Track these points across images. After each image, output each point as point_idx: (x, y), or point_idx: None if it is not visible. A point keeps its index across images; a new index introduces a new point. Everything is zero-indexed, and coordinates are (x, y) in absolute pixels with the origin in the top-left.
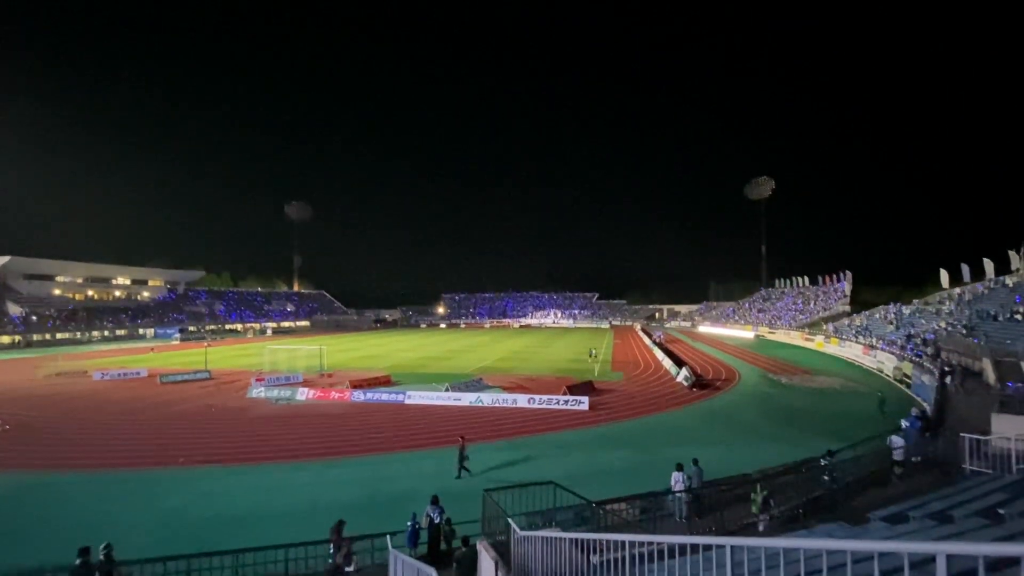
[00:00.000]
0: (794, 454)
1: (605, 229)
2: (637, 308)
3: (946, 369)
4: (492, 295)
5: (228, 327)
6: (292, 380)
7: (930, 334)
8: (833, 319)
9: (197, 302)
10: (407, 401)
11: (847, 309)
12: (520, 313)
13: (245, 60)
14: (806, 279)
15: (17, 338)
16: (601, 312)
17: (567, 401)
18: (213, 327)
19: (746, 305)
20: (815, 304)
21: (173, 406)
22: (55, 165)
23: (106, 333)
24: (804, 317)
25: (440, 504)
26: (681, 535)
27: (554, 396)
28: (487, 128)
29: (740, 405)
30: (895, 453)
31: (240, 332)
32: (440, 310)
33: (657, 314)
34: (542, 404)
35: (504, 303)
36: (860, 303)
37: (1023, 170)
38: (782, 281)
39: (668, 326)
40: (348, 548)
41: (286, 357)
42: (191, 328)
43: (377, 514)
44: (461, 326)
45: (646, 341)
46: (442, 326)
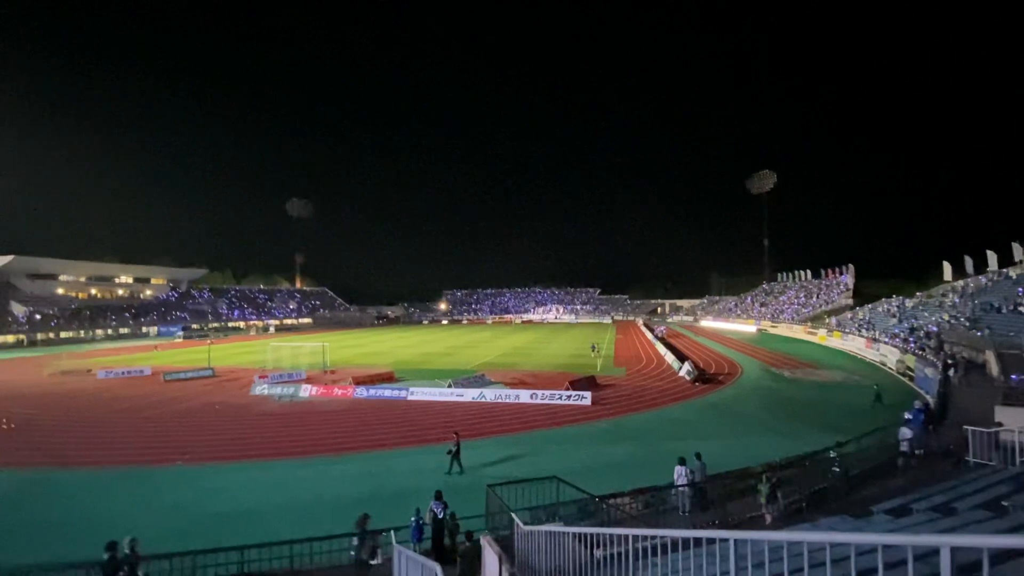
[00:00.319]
0: (797, 448)
1: (607, 224)
2: (639, 303)
3: (949, 362)
4: (494, 291)
5: (231, 325)
6: (295, 377)
7: (933, 327)
8: (836, 312)
9: (200, 300)
10: (410, 397)
11: (850, 302)
12: (522, 309)
13: (247, 58)
14: (808, 273)
15: (21, 337)
16: (603, 307)
17: (570, 396)
18: (216, 325)
19: (748, 299)
20: (817, 298)
21: (177, 403)
22: (57, 165)
23: (109, 332)
24: (807, 311)
25: (444, 499)
26: (684, 529)
27: (557, 391)
28: (488, 124)
29: (742, 399)
30: (903, 445)
31: (243, 330)
32: (442, 306)
33: (659, 309)
34: (545, 399)
35: (506, 299)
36: (863, 296)
37: None
38: (784, 275)
39: (670, 321)
40: (374, 542)
41: (289, 354)
42: (194, 326)
43: (381, 510)
44: (463, 322)
45: (648, 336)
46: (444, 322)
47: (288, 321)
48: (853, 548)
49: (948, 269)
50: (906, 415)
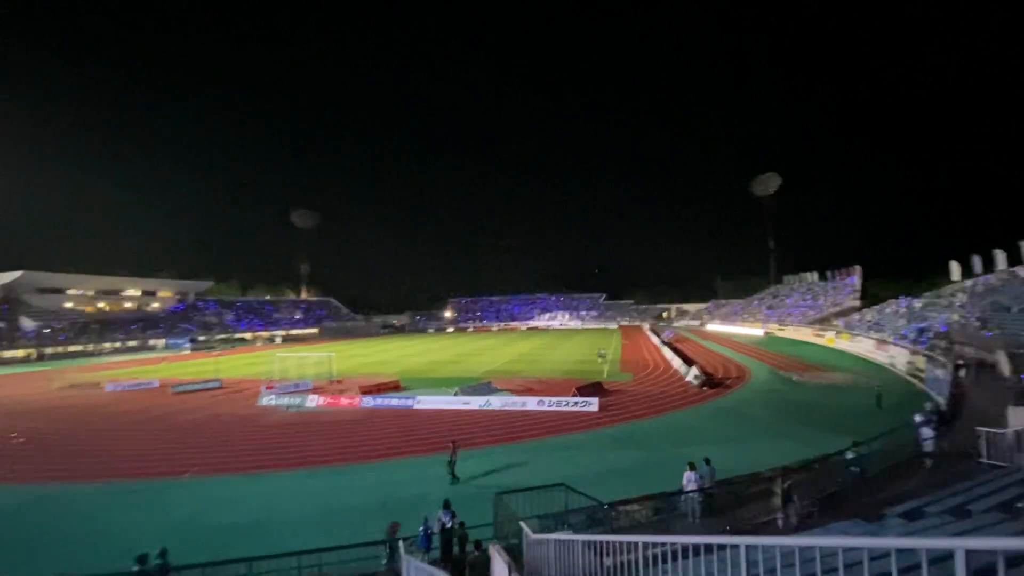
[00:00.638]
0: (807, 451)
1: (612, 230)
2: (645, 308)
3: (960, 362)
4: (499, 298)
5: (238, 336)
6: (302, 387)
7: (943, 327)
8: (843, 314)
9: (207, 312)
10: (417, 406)
11: (857, 304)
12: (527, 316)
13: (252, 69)
14: (815, 275)
15: (31, 351)
16: (609, 313)
17: (576, 403)
18: (223, 336)
19: (755, 302)
20: (825, 300)
21: (185, 415)
22: (64, 180)
23: (117, 345)
24: (814, 313)
25: (452, 508)
26: (695, 535)
27: (563, 398)
28: (492, 132)
29: (751, 403)
30: (926, 445)
31: (249, 341)
32: (447, 314)
33: (665, 313)
34: (551, 406)
35: (511, 306)
36: (871, 297)
37: None
38: (791, 277)
39: (676, 325)
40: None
41: (295, 364)
42: (201, 338)
43: (389, 519)
44: (469, 330)
45: (655, 341)
46: (450, 330)
47: (294, 331)
48: (866, 552)
49: (956, 269)
50: (916, 418)
